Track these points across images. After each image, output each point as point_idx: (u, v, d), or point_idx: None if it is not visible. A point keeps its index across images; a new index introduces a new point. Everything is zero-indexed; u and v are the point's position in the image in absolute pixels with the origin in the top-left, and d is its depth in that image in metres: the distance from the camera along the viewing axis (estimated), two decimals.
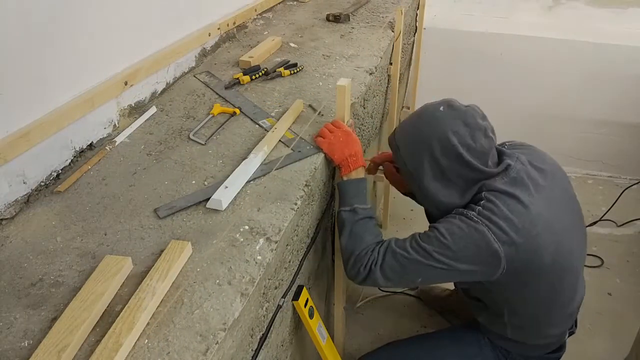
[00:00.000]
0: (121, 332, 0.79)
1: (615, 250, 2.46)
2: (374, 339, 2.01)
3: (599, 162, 3.07)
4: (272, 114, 1.48)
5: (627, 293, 2.22)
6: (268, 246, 1.02)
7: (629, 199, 2.67)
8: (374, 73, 1.81)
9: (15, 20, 1.04)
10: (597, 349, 1.95)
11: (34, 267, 0.96)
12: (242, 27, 2.08)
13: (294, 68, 1.73)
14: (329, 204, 1.46)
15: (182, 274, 0.94)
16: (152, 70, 1.51)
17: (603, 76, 2.81)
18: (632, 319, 2.05)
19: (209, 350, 0.80)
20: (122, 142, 1.35)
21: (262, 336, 1.06)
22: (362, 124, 1.77)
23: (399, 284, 1.27)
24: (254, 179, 1.20)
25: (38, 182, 1.16)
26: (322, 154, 1.31)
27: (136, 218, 1.08)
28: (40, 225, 1.07)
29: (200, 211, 1.10)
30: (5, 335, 0.83)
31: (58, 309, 0.87)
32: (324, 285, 1.67)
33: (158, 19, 1.54)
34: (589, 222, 2.60)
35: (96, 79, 1.31)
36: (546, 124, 3.03)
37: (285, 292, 1.19)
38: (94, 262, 0.96)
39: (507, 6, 3.11)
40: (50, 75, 1.16)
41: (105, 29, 1.31)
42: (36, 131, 1.11)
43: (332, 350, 1.42)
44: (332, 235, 1.60)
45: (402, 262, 1.20)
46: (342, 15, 2.21)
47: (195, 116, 1.48)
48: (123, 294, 0.89)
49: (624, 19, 2.96)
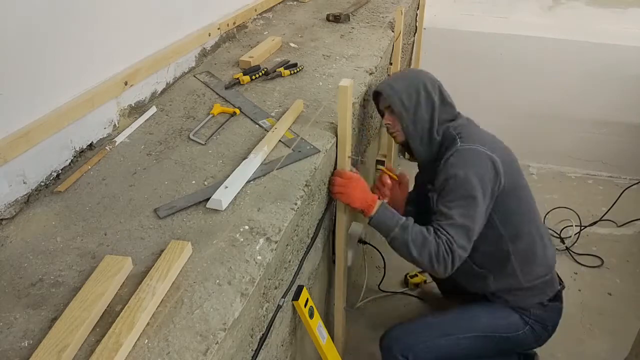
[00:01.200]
0: (121, 332, 0.79)
1: (615, 250, 2.46)
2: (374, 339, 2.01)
3: (599, 162, 3.07)
4: (272, 114, 1.48)
5: (627, 293, 2.22)
6: (268, 246, 1.02)
7: (629, 199, 2.66)
8: (374, 73, 1.81)
9: (16, 20, 1.04)
10: (597, 349, 1.95)
11: (34, 267, 0.96)
12: (242, 27, 2.08)
13: (294, 68, 1.73)
14: (328, 204, 1.46)
15: (182, 274, 0.94)
16: (152, 70, 1.51)
17: (603, 76, 2.81)
18: (632, 319, 2.05)
19: (209, 350, 0.80)
20: (122, 142, 1.35)
21: (262, 336, 1.06)
22: (362, 124, 1.77)
23: (473, 240, 1.39)
24: (254, 179, 1.20)
25: (38, 182, 1.16)
26: (322, 154, 1.31)
27: (136, 218, 1.08)
28: (40, 225, 1.07)
29: (200, 211, 1.10)
30: (5, 335, 0.83)
31: (58, 309, 0.87)
32: (324, 285, 1.67)
33: (158, 19, 1.54)
34: (589, 222, 2.60)
35: (96, 79, 1.31)
36: (546, 124, 3.03)
37: (285, 292, 1.19)
38: (94, 262, 0.96)
39: (507, 6, 3.11)
40: (50, 75, 1.16)
41: (105, 29, 1.31)
42: (36, 131, 1.11)
43: (332, 350, 1.42)
44: (332, 235, 1.60)
45: (460, 225, 1.35)
46: (342, 15, 2.21)
47: (195, 116, 1.48)
48: (123, 294, 0.89)
49: (624, 19, 2.96)
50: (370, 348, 1.97)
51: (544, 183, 2.99)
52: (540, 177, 3.05)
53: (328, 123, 1.44)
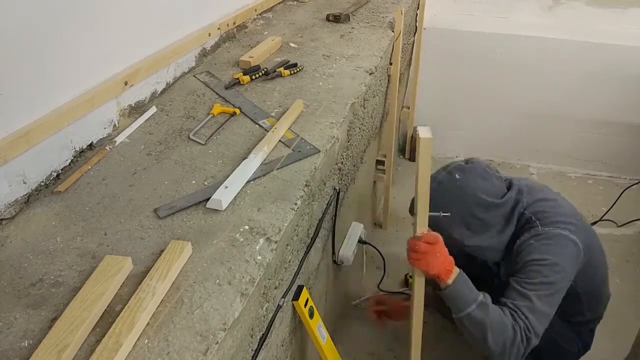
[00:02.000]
0: (121, 332, 0.79)
1: (615, 250, 2.46)
2: (374, 338, 2.01)
3: (599, 162, 3.07)
4: (272, 114, 1.48)
5: (627, 293, 2.22)
6: (268, 246, 1.02)
7: (629, 199, 2.66)
8: (374, 73, 1.81)
9: (16, 20, 1.04)
10: (597, 349, 1.94)
11: (34, 267, 0.96)
12: (242, 27, 2.08)
13: (294, 68, 1.73)
14: (328, 204, 1.46)
15: (182, 274, 0.94)
16: (152, 70, 1.51)
17: (603, 76, 2.81)
18: (632, 319, 2.05)
19: (209, 350, 0.80)
20: (122, 142, 1.35)
21: (262, 336, 1.06)
22: (362, 124, 1.77)
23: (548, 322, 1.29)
24: (254, 179, 1.20)
25: (38, 182, 1.16)
26: (322, 154, 1.31)
27: (136, 218, 1.08)
28: (40, 225, 1.07)
29: (200, 211, 1.10)
30: (5, 335, 0.83)
31: (58, 309, 0.87)
32: (324, 285, 1.67)
33: (158, 19, 1.54)
34: (589, 222, 2.60)
35: (96, 79, 1.31)
36: (546, 124, 3.03)
37: (285, 292, 1.19)
38: (94, 262, 0.96)
39: (507, 6, 3.11)
40: (50, 75, 1.16)
41: (106, 29, 1.31)
42: (36, 131, 1.11)
43: (332, 350, 1.42)
44: (332, 235, 1.60)
45: (540, 310, 1.24)
46: (342, 15, 2.21)
47: (195, 116, 1.48)
48: (123, 294, 0.89)
49: (624, 19, 2.96)
50: (370, 348, 1.98)
51: (544, 183, 2.98)
52: (540, 177, 3.05)
53: (328, 123, 1.45)
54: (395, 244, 2.42)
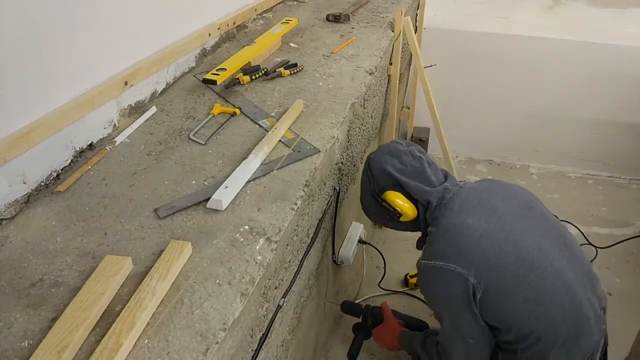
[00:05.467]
0: (121, 332, 0.79)
1: (615, 250, 2.45)
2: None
3: (599, 162, 3.07)
4: (272, 114, 1.48)
5: (627, 293, 2.22)
6: (268, 246, 1.02)
7: (629, 199, 2.66)
8: (374, 73, 1.81)
9: (15, 20, 1.04)
10: None
11: (34, 267, 0.96)
12: (242, 27, 2.08)
13: (294, 68, 1.73)
14: (328, 204, 1.46)
15: (182, 274, 0.94)
16: (152, 70, 1.51)
17: (603, 76, 2.81)
18: (632, 319, 2.05)
19: (209, 350, 0.80)
20: (122, 142, 1.35)
21: (262, 336, 1.06)
22: (362, 124, 1.77)
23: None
24: (254, 179, 1.20)
25: (38, 182, 1.16)
26: (322, 154, 1.31)
27: (136, 218, 1.08)
28: (40, 225, 1.07)
29: (200, 211, 1.10)
30: (5, 335, 0.83)
31: (58, 309, 0.87)
32: (324, 285, 1.67)
33: (158, 19, 1.54)
34: (589, 222, 2.60)
35: (96, 79, 1.31)
36: (546, 124, 3.03)
37: (285, 292, 1.19)
38: (94, 262, 0.96)
39: (507, 6, 3.11)
40: (50, 75, 1.16)
41: (106, 29, 1.31)
42: (36, 131, 1.11)
43: None
44: (332, 235, 1.60)
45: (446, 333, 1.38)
46: (342, 15, 2.21)
47: (195, 116, 1.48)
48: (123, 294, 0.89)
49: (624, 19, 2.96)
50: (370, 348, 1.97)
51: (544, 183, 2.99)
52: (540, 177, 3.05)
53: (328, 123, 1.45)
54: (395, 244, 2.42)
